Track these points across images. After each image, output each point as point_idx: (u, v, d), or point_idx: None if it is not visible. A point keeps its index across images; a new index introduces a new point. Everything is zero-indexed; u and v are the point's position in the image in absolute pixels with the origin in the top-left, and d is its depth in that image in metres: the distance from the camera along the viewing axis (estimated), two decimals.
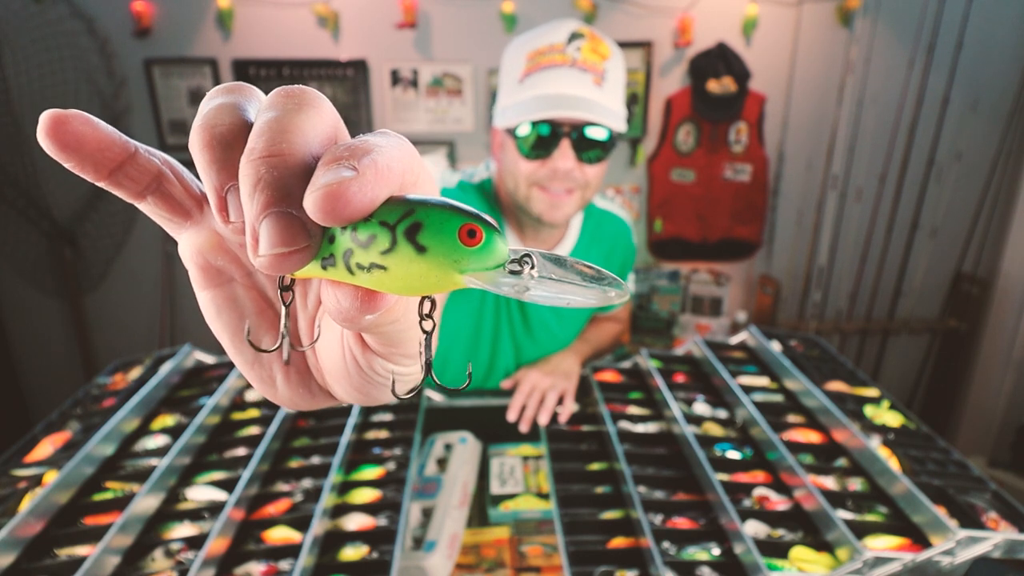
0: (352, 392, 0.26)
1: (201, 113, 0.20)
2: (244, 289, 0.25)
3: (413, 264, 0.16)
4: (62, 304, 2.52)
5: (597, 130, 0.89)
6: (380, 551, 0.75)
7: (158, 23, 2.22)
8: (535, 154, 0.90)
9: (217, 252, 0.24)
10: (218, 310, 0.25)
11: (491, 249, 0.17)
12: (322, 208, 0.16)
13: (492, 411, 1.05)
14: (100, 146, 0.20)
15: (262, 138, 0.18)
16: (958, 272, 2.51)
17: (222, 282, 0.24)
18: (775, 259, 2.58)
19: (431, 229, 0.16)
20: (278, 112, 0.19)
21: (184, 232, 0.24)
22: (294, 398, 0.27)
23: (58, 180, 2.35)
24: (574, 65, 0.88)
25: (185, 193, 0.23)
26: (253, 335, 0.25)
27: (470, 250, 0.16)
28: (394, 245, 0.16)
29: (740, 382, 1.00)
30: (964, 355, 2.49)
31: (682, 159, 2.42)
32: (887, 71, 2.28)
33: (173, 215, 0.23)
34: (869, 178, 2.39)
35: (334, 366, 0.26)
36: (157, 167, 0.22)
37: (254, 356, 0.26)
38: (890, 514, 0.74)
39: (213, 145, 0.19)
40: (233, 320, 0.25)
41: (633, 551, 0.78)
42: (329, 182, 0.16)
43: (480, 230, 0.16)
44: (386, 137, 0.19)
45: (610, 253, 1.19)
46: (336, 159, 0.17)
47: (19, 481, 0.78)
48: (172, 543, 0.72)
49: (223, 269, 0.24)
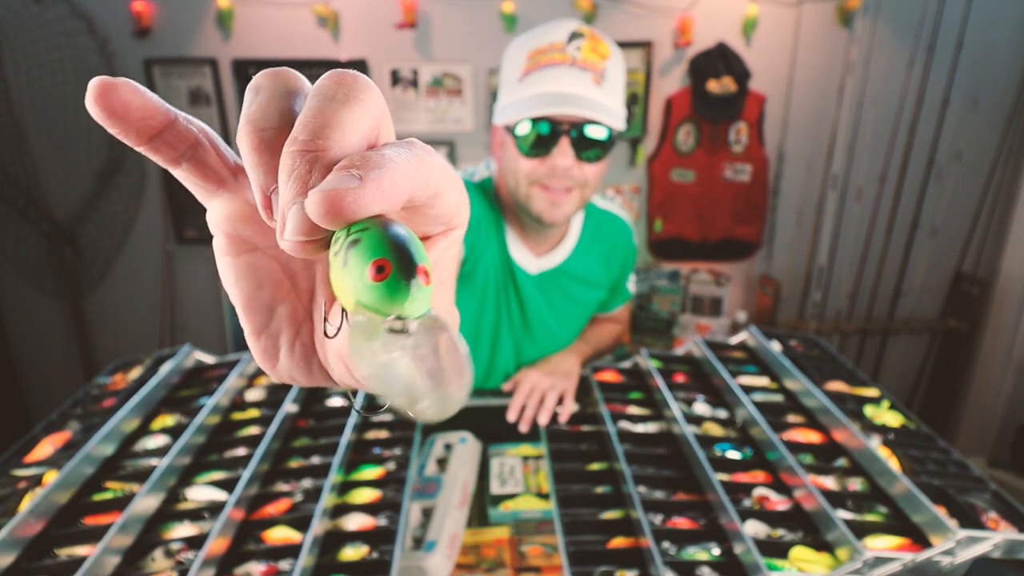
0: (347, 374, 0.27)
1: (249, 107, 0.21)
2: (266, 259, 0.26)
3: (336, 273, 0.18)
4: (62, 304, 2.52)
5: (596, 129, 0.90)
6: (380, 551, 0.75)
7: (158, 23, 2.22)
8: (535, 152, 0.91)
9: (246, 223, 0.25)
10: (237, 277, 0.25)
11: (389, 295, 0.17)
12: (316, 208, 0.17)
13: (492, 411, 1.05)
14: (144, 114, 0.21)
15: (305, 129, 0.19)
16: (958, 272, 2.51)
17: (244, 251, 0.25)
18: (775, 259, 2.58)
19: (359, 249, 0.17)
20: (324, 103, 0.19)
21: (215, 199, 0.24)
22: (293, 372, 0.28)
23: (58, 180, 2.35)
24: (574, 64, 0.89)
25: (220, 162, 0.24)
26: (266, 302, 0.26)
27: (369, 284, 0.17)
28: (340, 249, 0.17)
29: (740, 382, 1.00)
30: (964, 355, 2.49)
31: (682, 159, 2.42)
32: (887, 71, 2.28)
33: (207, 182, 0.24)
34: (869, 178, 2.39)
35: (340, 344, 0.26)
36: (195, 135, 0.22)
37: (264, 325, 0.26)
38: (890, 514, 0.74)
39: (260, 148, 0.20)
40: (250, 288, 0.26)
41: (633, 551, 0.78)
42: (330, 188, 0.17)
43: (389, 269, 0.16)
44: (410, 151, 0.20)
45: (610, 253, 1.19)
46: (350, 165, 0.18)
47: (19, 481, 0.78)
48: (172, 543, 0.72)
49: (248, 239, 0.25)
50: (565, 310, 1.16)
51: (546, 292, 1.12)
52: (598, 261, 1.17)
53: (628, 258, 1.23)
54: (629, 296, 1.30)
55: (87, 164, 2.33)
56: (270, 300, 0.26)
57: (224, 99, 2.32)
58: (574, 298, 1.16)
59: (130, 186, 2.40)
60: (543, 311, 1.13)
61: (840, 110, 2.32)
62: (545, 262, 1.10)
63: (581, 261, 1.14)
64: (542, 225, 0.99)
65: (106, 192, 2.38)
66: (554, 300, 1.13)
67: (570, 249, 1.12)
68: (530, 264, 1.09)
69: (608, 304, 1.27)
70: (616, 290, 1.25)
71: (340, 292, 0.18)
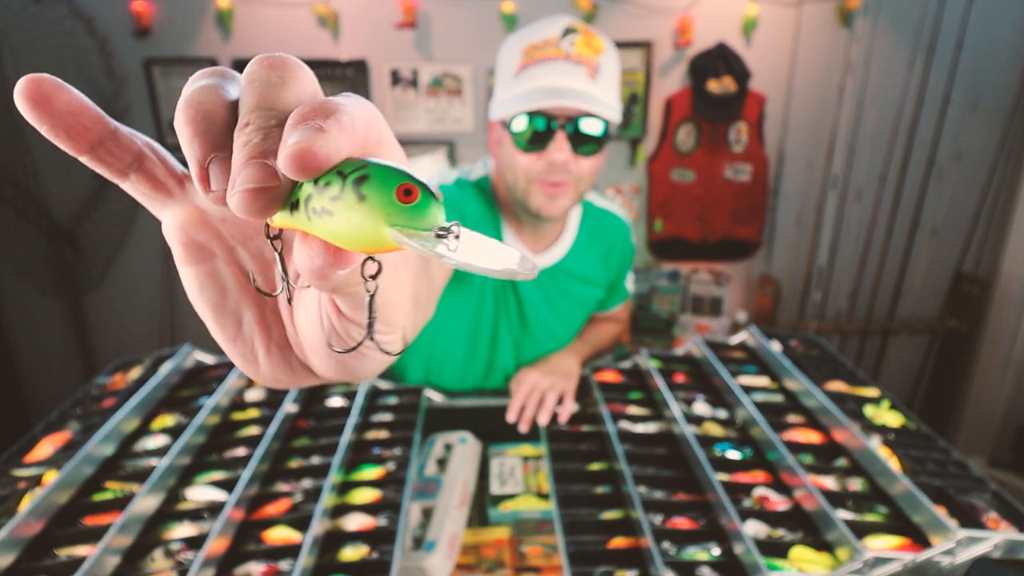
0: (332, 365, 0.27)
1: (184, 94, 0.21)
2: (226, 265, 0.26)
3: (352, 211, 0.18)
4: (62, 304, 2.52)
5: (592, 122, 0.90)
6: (380, 551, 0.75)
7: (158, 23, 2.22)
8: (531, 147, 0.91)
9: (199, 227, 0.25)
10: (200, 286, 0.26)
11: (422, 211, 0.18)
12: (292, 163, 0.18)
13: (492, 411, 1.05)
14: (71, 108, 0.21)
15: (253, 113, 0.20)
16: (958, 272, 2.51)
17: (204, 258, 0.26)
18: (775, 259, 2.58)
19: (374, 181, 0.18)
20: (265, 86, 0.20)
21: (167, 210, 0.25)
22: (276, 374, 0.28)
23: (58, 180, 2.35)
24: (568, 58, 0.89)
25: (167, 172, 0.24)
26: (233, 308, 0.26)
27: (402, 206, 0.18)
28: (342, 192, 0.18)
29: (740, 382, 1.00)
30: (964, 355, 2.49)
31: (682, 159, 2.42)
32: (887, 71, 2.28)
33: (156, 192, 0.24)
34: (869, 178, 2.39)
35: (313, 337, 0.27)
36: (138, 147, 0.23)
37: (236, 332, 0.27)
38: (890, 514, 0.74)
39: (197, 119, 0.20)
40: (215, 296, 0.26)
41: (633, 551, 0.78)
42: (298, 140, 0.18)
43: (416, 191, 0.18)
44: (350, 98, 0.20)
45: (608, 252, 1.19)
46: (304, 118, 0.18)
47: (19, 481, 0.78)
48: (172, 543, 0.72)
49: (205, 244, 0.26)
50: (563, 308, 1.16)
51: (544, 290, 1.12)
52: (596, 259, 1.17)
53: (626, 257, 1.23)
54: (628, 295, 1.30)
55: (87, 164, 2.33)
56: (236, 306, 0.27)
57: None
58: (572, 296, 1.16)
59: None
60: (541, 309, 1.13)
61: (840, 110, 2.32)
62: (542, 260, 1.10)
63: (579, 259, 1.14)
64: (540, 220, 1.00)
65: (106, 192, 2.38)
66: (552, 298, 1.13)
67: (568, 246, 1.12)
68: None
69: (607, 303, 1.27)
70: (614, 289, 1.25)
71: (356, 227, 0.18)
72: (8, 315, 2.54)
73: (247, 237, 0.27)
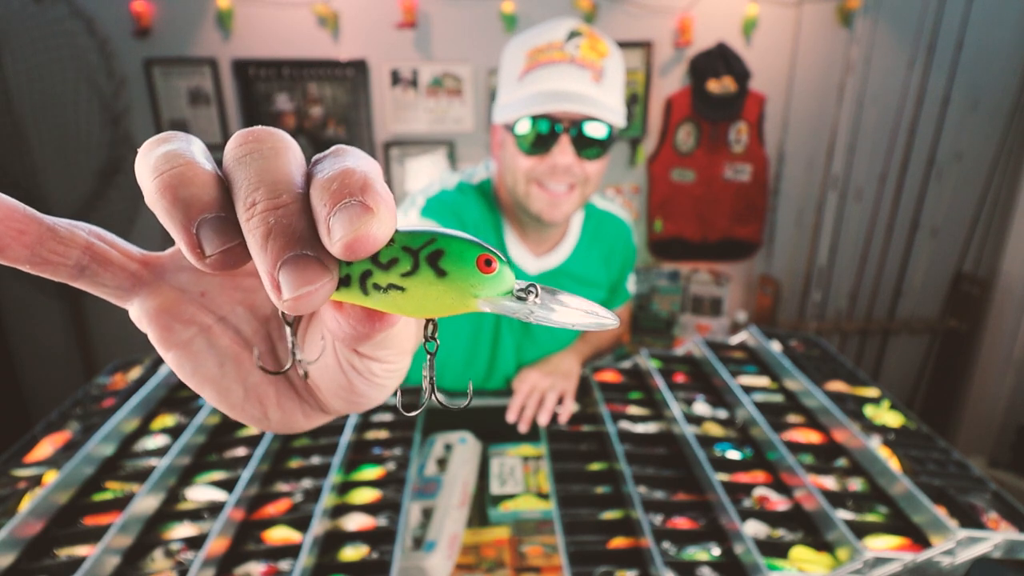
0: (351, 399, 0.26)
1: (148, 165, 0.19)
2: (217, 337, 0.24)
3: (432, 286, 0.18)
4: (62, 304, 2.52)
5: (596, 126, 0.90)
6: (380, 551, 0.75)
7: (158, 23, 2.22)
8: (535, 150, 0.91)
9: (178, 307, 0.23)
10: (194, 366, 0.24)
11: (503, 277, 0.19)
12: (350, 251, 0.17)
13: (492, 411, 1.05)
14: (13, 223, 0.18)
15: (259, 190, 0.18)
16: (958, 272, 2.51)
17: (189, 339, 0.24)
18: (775, 259, 2.58)
19: (452, 256, 0.18)
20: (261, 160, 0.19)
21: (135, 298, 0.23)
22: (289, 423, 0.27)
23: (58, 180, 2.35)
24: (573, 62, 0.89)
25: (125, 258, 0.22)
26: (234, 376, 0.25)
27: (486, 277, 0.18)
28: (416, 268, 0.18)
29: (740, 382, 1.00)
30: (964, 355, 2.49)
31: (682, 159, 2.42)
32: (887, 71, 2.28)
33: (117, 283, 0.22)
34: (869, 178, 2.39)
35: (332, 382, 0.26)
36: (83, 239, 0.20)
37: (243, 396, 0.25)
38: (890, 514, 0.74)
39: (172, 185, 0.18)
40: (211, 370, 0.24)
41: (633, 551, 0.78)
42: (350, 227, 0.17)
43: (495, 260, 0.19)
44: (356, 159, 0.19)
45: (610, 254, 1.19)
46: (340, 196, 0.17)
47: (19, 481, 0.78)
48: (172, 543, 0.72)
49: (189, 322, 0.23)
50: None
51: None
52: (598, 261, 1.17)
53: (628, 258, 1.23)
54: (629, 296, 1.30)
55: (87, 164, 2.33)
56: (236, 373, 0.25)
57: (224, 99, 2.32)
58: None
59: (130, 186, 2.40)
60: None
61: (840, 110, 2.32)
62: (545, 262, 1.10)
63: (581, 261, 1.14)
64: (541, 224, 0.99)
65: (106, 192, 2.38)
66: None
67: (570, 249, 1.12)
68: (530, 264, 1.09)
69: (608, 304, 1.27)
70: (616, 290, 1.25)
71: (436, 300, 0.18)
72: (8, 315, 2.54)
73: (235, 302, 0.25)
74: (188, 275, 0.24)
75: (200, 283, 0.23)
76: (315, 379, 0.26)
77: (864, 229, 2.45)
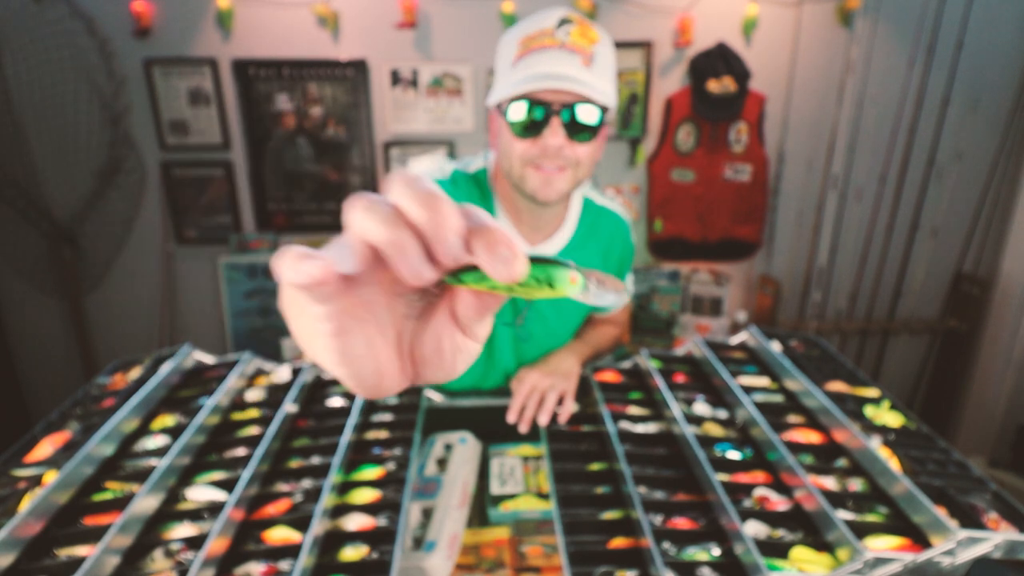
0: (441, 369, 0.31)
1: (356, 220, 0.25)
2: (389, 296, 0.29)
3: (543, 291, 0.28)
4: (62, 304, 2.52)
5: (586, 110, 0.91)
6: (380, 551, 0.75)
7: (158, 23, 2.22)
8: (527, 133, 0.93)
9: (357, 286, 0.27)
10: (368, 340, 0.28)
11: (582, 284, 0.29)
12: (510, 278, 0.25)
13: (492, 411, 1.05)
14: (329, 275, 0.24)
15: (442, 228, 0.25)
16: (958, 272, 2.51)
17: (353, 317, 0.27)
18: (775, 259, 2.58)
19: (556, 278, 0.28)
20: (433, 202, 0.25)
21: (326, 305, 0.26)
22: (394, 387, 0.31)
23: (58, 180, 2.35)
24: (563, 47, 0.91)
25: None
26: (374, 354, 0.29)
27: (572, 286, 0.29)
28: (539, 284, 0.28)
29: (740, 382, 1.00)
30: (964, 355, 2.49)
31: (682, 159, 2.42)
32: (887, 71, 2.28)
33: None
34: (869, 178, 2.39)
35: (433, 353, 0.31)
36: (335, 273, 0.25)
37: (399, 357, 0.30)
38: (890, 514, 0.74)
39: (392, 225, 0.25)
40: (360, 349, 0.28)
41: (633, 551, 0.78)
42: (506, 272, 0.25)
43: (578, 277, 0.28)
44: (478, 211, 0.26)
45: (607, 250, 1.19)
46: (493, 247, 0.25)
47: (19, 481, 0.78)
48: (172, 543, 0.72)
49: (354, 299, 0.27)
50: (561, 305, 1.16)
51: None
52: (595, 256, 1.17)
53: (626, 255, 1.23)
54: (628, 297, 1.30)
55: (87, 164, 2.33)
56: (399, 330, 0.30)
57: (224, 99, 2.32)
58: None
59: (130, 186, 2.40)
60: (540, 306, 1.13)
61: (840, 110, 2.32)
62: (540, 251, 1.10)
63: (577, 253, 1.14)
64: (537, 204, 1.00)
65: (106, 192, 2.38)
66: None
67: (565, 240, 1.12)
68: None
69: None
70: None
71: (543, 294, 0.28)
72: (8, 315, 2.54)
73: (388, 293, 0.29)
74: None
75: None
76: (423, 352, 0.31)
77: (864, 229, 2.45)
